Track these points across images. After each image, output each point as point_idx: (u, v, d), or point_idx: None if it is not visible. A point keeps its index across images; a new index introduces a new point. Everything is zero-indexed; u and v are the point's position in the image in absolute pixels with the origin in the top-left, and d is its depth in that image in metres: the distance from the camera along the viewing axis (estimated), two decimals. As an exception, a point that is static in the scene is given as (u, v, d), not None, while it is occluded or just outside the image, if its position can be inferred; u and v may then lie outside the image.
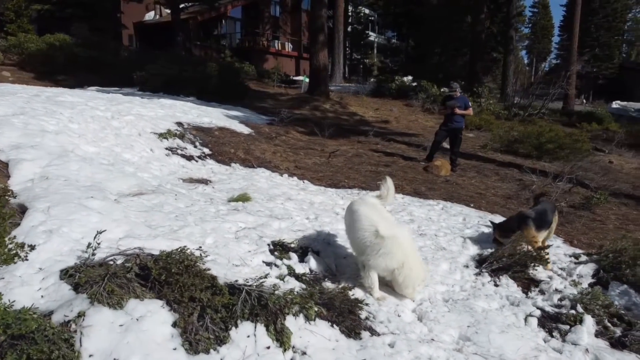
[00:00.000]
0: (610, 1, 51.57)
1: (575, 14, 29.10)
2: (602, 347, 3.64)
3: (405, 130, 15.04)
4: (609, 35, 52.88)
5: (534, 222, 5.02)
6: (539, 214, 5.18)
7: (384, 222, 3.85)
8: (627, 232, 7.21)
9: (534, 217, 5.09)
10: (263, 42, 34.53)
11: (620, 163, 12.93)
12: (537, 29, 72.19)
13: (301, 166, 8.35)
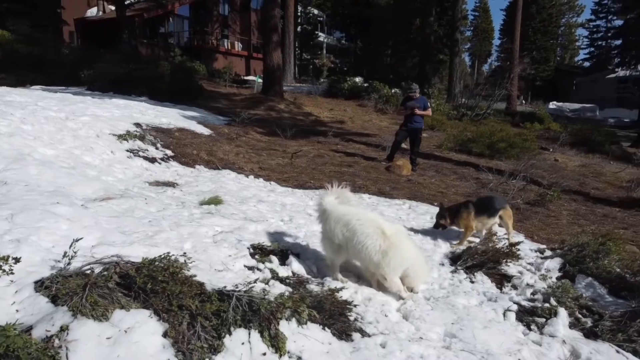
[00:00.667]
0: (546, 7, 54.30)
1: (516, 19, 30.40)
2: (578, 338, 3.81)
3: (361, 130, 15.19)
4: (545, 39, 55.70)
5: (474, 207, 5.45)
6: (481, 201, 5.70)
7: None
8: (580, 227, 7.61)
9: (475, 203, 5.55)
10: (212, 41, 33.97)
11: (564, 161, 13.62)
12: (479, 32, 74.81)
13: (265, 167, 8.26)
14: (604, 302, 4.43)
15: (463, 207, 5.48)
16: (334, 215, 3.94)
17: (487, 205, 5.54)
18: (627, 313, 3.97)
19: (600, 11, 56.76)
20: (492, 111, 23.92)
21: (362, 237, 3.77)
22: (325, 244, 4.01)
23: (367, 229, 3.77)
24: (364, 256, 3.82)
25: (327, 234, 3.98)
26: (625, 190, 10.93)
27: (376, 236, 3.73)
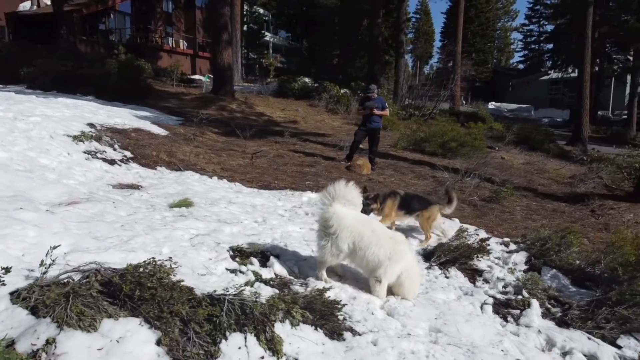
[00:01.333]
0: (483, 11, 56.56)
1: (459, 22, 31.47)
2: (551, 327, 4.01)
3: (315, 130, 15.24)
4: (483, 42, 58.04)
5: (400, 199, 5.67)
6: (408, 196, 5.83)
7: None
8: (533, 222, 7.98)
9: (402, 196, 5.75)
10: (156, 39, 32.98)
11: (510, 159, 14.23)
12: (420, 34, 76.80)
13: (227, 168, 8.13)
14: (568, 292, 4.67)
15: (390, 196, 5.66)
16: (346, 224, 3.85)
17: (409, 202, 5.73)
18: (594, 302, 4.21)
19: (533, 16, 59.82)
20: (438, 111, 24.64)
21: (377, 248, 3.82)
22: (326, 247, 3.91)
23: (383, 242, 3.83)
24: (372, 265, 3.87)
25: (332, 239, 3.88)
26: (568, 186, 11.57)
27: (388, 247, 3.81)
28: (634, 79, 36.99)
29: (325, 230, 3.91)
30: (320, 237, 3.96)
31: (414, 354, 3.27)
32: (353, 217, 3.92)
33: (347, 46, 31.43)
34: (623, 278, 4.28)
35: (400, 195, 5.70)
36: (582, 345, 3.73)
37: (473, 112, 28.68)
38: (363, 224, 3.94)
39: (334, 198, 3.88)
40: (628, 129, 35.11)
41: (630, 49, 37.35)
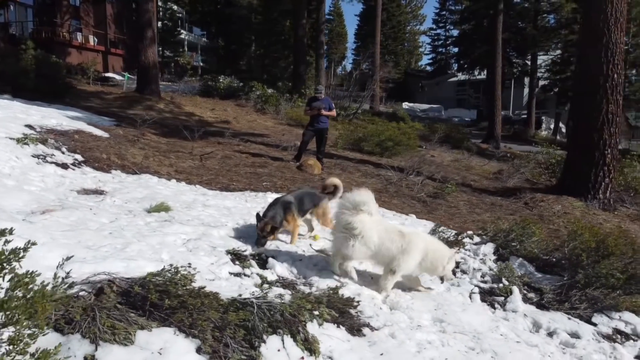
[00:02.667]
0: (395, 14, 58.88)
1: (377, 25, 32.56)
2: (534, 311, 4.37)
3: (250, 130, 15.11)
4: (395, 44, 60.40)
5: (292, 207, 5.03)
6: (298, 196, 5.16)
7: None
8: (478, 215, 8.53)
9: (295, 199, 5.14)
10: (64, 33, 30.79)
11: (438, 157, 15.03)
12: (334, 36, 78.24)
13: (181, 170, 7.88)
14: (536, 279, 5.09)
15: (286, 210, 4.89)
16: (369, 226, 4.04)
17: (302, 203, 5.20)
18: (565, 286, 4.64)
19: (440, 21, 63.43)
20: (362, 111, 25.35)
21: (390, 243, 4.03)
22: (355, 246, 4.02)
23: (394, 237, 4.06)
24: (387, 259, 4.09)
25: (358, 239, 4.01)
26: (495, 181, 12.47)
27: (400, 241, 4.05)
28: (532, 81, 40.41)
29: (349, 232, 4.02)
30: (345, 239, 4.04)
31: (430, 344, 3.44)
32: (371, 220, 4.09)
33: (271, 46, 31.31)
34: (587, 262, 4.75)
35: (293, 201, 4.96)
36: (565, 325, 4.11)
37: (393, 112, 29.85)
38: (379, 223, 4.13)
39: (354, 205, 4.02)
40: (528, 128, 38.34)
41: (527, 54, 40.77)
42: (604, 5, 9.17)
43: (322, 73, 35.17)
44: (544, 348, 3.74)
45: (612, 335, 4.12)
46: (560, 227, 8.05)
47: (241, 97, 22.20)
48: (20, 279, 2.01)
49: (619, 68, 9.32)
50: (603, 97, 9.35)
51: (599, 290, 4.43)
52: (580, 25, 11.72)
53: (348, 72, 56.70)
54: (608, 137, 9.40)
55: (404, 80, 61.20)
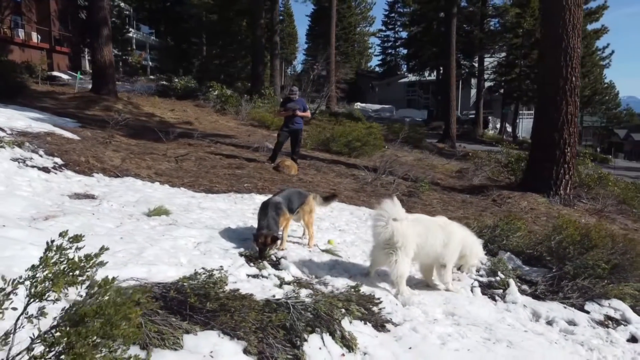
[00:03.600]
0: (346, 16, 59.42)
1: (332, 26, 32.80)
2: (531, 302, 4.62)
3: (215, 131, 14.92)
4: (346, 45, 60.98)
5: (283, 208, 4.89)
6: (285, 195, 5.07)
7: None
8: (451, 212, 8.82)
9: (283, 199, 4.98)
10: (4, 29, 29.14)
11: (403, 156, 15.38)
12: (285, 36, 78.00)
13: (160, 173, 7.73)
14: (524, 271, 5.38)
15: (278, 211, 4.75)
16: (408, 233, 4.15)
17: (290, 202, 5.08)
18: (556, 277, 4.93)
19: (389, 23, 64.58)
20: (319, 112, 25.53)
21: (434, 240, 4.24)
22: (399, 262, 4.11)
23: (436, 232, 4.30)
24: (434, 255, 4.33)
25: (401, 252, 4.11)
26: (458, 179, 12.93)
27: (441, 235, 4.29)
28: (479, 83, 41.96)
29: (390, 247, 4.08)
30: (388, 255, 4.10)
31: (450, 336, 3.59)
32: (407, 225, 4.17)
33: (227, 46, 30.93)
34: (573, 254, 5.07)
35: (279, 200, 4.84)
36: (562, 314, 4.38)
37: (350, 113, 30.21)
38: (416, 225, 4.25)
39: (389, 216, 4.09)
40: (477, 127, 39.76)
41: (475, 56, 42.33)
42: (563, 12, 9.73)
43: (277, 73, 35.10)
44: (549, 335, 3.98)
45: (604, 321, 4.42)
46: (529, 223, 8.46)
47: (199, 97, 21.83)
48: (101, 285, 1.98)
49: (576, 71, 9.91)
50: (563, 99, 9.91)
51: (587, 280, 4.74)
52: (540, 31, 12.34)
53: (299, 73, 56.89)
54: (567, 136, 9.98)
55: (355, 81, 61.98)
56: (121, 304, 1.80)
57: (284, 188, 5.50)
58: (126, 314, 1.77)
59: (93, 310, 1.75)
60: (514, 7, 36.66)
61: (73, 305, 1.90)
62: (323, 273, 4.32)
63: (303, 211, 5.15)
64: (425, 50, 46.22)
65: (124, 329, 1.75)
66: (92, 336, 1.68)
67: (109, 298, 1.82)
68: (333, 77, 32.71)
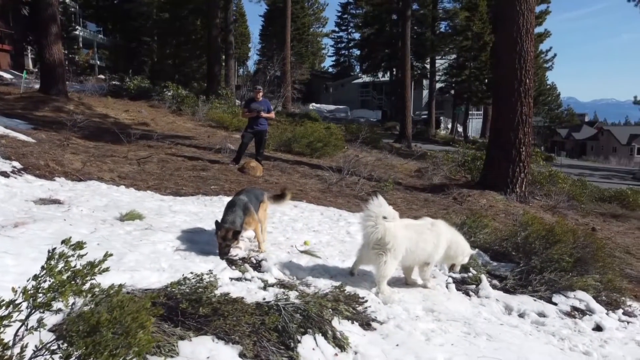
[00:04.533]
0: (299, 16, 59.44)
1: (287, 27, 32.74)
2: (503, 296, 4.81)
3: (173, 132, 14.61)
4: (300, 46, 61.04)
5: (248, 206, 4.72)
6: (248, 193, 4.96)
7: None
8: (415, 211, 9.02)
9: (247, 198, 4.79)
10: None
11: (363, 157, 15.55)
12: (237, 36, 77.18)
13: (124, 176, 7.52)
14: (493, 267, 5.58)
15: (245, 210, 4.60)
16: (399, 235, 4.22)
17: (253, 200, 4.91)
18: (524, 271, 5.15)
19: (342, 24, 65.13)
20: (276, 112, 25.43)
21: (424, 244, 4.35)
22: (387, 262, 4.17)
23: (426, 235, 4.37)
24: (423, 258, 4.42)
25: (390, 253, 4.16)
26: (418, 178, 13.22)
27: (431, 238, 4.39)
28: (431, 84, 43.00)
29: (381, 247, 4.13)
30: (377, 255, 4.15)
31: (433, 332, 3.69)
32: (399, 226, 4.25)
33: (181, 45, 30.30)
34: (539, 249, 5.31)
35: (246, 199, 4.69)
36: (532, 307, 4.59)
37: (306, 113, 30.25)
38: (407, 229, 4.32)
39: (379, 215, 4.13)
40: (429, 127, 40.74)
41: (426, 58, 43.36)
42: (517, 17, 10.15)
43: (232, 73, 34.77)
44: (523, 327, 4.16)
45: (571, 312, 4.67)
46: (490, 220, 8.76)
47: (154, 97, 21.30)
48: (107, 292, 1.92)
49: (530, 74, 10.36)
50: (517, 100, 10.33)
51: (554, 273, 4.98)
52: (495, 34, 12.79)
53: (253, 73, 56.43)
54: (523, 136, 10.41)
55: (310, 82, 62.15)
56: (135, 312, 1.77)
57: (244, 187, 5.31)
58: (142, 322, 1.73)
59: (107, 319, 1.71)
60: (463, 11, 37.80)
61: (81, 315, 1.84)
62: (304, 274, 4.33)
63: (262, 208, 5.02)
64: (378, 51, 47.01)
65: (140, 338, 1.71)
66: (111, 345, 1.63)
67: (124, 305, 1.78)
68: (289, 77, 32.74)
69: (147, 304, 1.91)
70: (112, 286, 1.98)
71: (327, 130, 16.59)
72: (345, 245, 5.49)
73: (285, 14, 32.98)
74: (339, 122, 33.03)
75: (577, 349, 3.86)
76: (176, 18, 29.12)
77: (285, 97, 31.49)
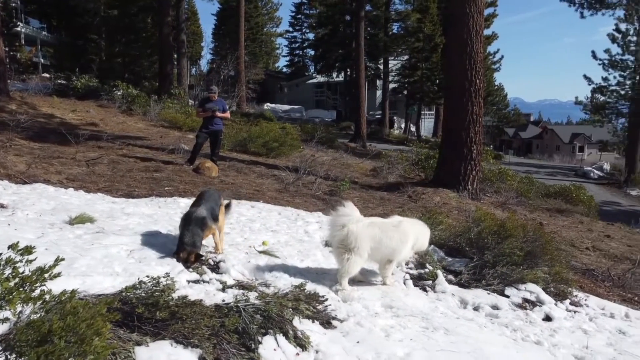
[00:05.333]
0: (253, 16, 58.95)
1: (240, 26, 32.41)
2: (459, 290, 4.93)
3: (124, 133, 14.16)
4: (254, 46, 60.54)
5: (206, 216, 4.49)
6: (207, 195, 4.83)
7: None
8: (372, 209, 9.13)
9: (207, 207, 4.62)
10: None
11: (319, 156, 15.61)
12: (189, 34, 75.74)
13: (72, 178, 7.23)
14: (448, 262, 5.71)
15: (203, 220, 4.43)
16: (362, 236, 4.26)
17: (213, 207, 4.76)
18: (477, 266, 5.30)
19: (296, 24, 65.07)
20: (231, 112, 25.15)
21: (389, 241, 4.37)
22: (350, 260, 4.24)
23: (390, 233, 4.40)
24: (388, 255, 4.48)
25: (354, 252, 4.23)
26: (374, 177, 13.39)
27: (396, 235, 4.45)
28: (385, 84, 43.63)
29: (344, 247, 4.22)
30: (341, 253, 4.24)
31: (393, 328, 3.74)
32: (363, 226, 4.29)
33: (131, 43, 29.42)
34: (492, 244, 5.48)
35: (204, 214, 4.46)
36: (486, 300, 4.73)
37: (261, 113, 30.05)
38: (371, 228, 4.34)
39: (344, 219, 4.23)
40: (383, 127, 41.32)
41: (380, 59, 43.95)
42: (467, 19, 10.44)
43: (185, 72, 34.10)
44: (478, 320, 4.28)
45: (522, 304, 4.84)
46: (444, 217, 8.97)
47: (103, 97, 20.61)
48: (59, 299, 1.83)
49: (480, 74, 10.68)
50: (468, 100, 10.63)
51: (506, 267, 5.15)
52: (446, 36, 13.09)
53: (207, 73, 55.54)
54: (474, 135, 10.72)
55: (264, 82, 61.79)
56: (90, 318, 1.69)
57: (204, 191, 5.07)
58: (98, 329, 1.66)
59: (60, 327, 1.63)
60: (415, 13, 38.57)
61: (31, 323, 1.75)
62: (263, 274, 4.30)
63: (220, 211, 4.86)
64: (332, 52, 47.23)
65: (96, 345, 1.64)
66: (65, 354, 1.56)
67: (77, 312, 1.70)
68: (243, 77, 32.44)
69: (103, 309, 1.84)
70: (64, 292, 1.88)
71: (282, 130, 16.54)
72: (303, 244, 5.48)
73: (238, 13, 32.64)
74: (294, 122, 33.02)
75: (528, 339, 4.00)
76: (125, 15, 28.23)
77: (239, 97, 31.22)
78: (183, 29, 32.14)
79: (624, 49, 36.63)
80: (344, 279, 4.25)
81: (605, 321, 4.79)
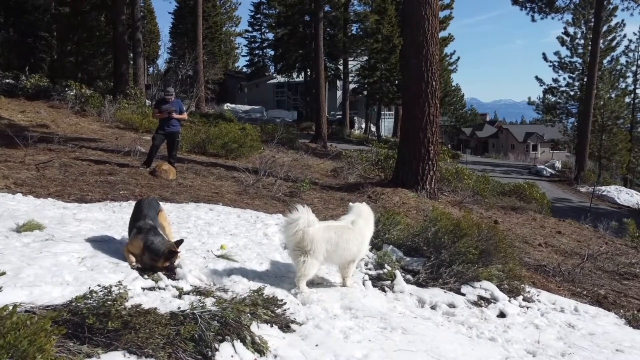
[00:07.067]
0: (211, 15, 58.13)
1: (198, 25, 31.97)
2: (416, 289, 5.02)
3: (78, 135, 13.70)
4: (212, 45, 59.73)
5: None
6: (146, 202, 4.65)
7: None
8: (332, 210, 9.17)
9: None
10: None
11: (279, 157, 15.55)
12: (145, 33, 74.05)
13: (20, 183, 6.95)
14: (406, 262, 5.79)
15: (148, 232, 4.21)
16: (317, 238, 4.28)
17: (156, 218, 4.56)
18: (434, 265, 5.40)
19: (255, 24, 64.59)
20: (190, 113, 24.74)
21: (346, 244, 4.44)
22: (307, 262, 4.25)
23: (349, 235, 4.46)
24: (349, 257, 4.54)
25: (310, 254, 4.24)
26: (334, 178, 13.46)
27: (355, 237, 4.50)
28: (345, 84, 43.90)
29: (300, 249, 4.23)
30: (297, 255, 4.26)
31: (351, 329, 3.77)
32: (318, 229, 4.30)
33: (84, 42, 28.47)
34: (448, 243, 5.59)
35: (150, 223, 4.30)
36: (443, 298, 4.83)
37: (221, 114, 29.73)
38: (327, 230, 4.38)
39: (298, 222, 4.22)
40: (344, 127, 41.58)
41: (339, 59, 44.19)
42: (423, 22, 10.63)
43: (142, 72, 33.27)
44: (435, 319, 4.37)
45: (477, 301, 4.97)
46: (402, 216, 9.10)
47: (54, 97, 19.86)
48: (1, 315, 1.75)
49: (436, 76, 10.89)
50: (425, 101, 10.82)
51: (462, 266, 5.28)
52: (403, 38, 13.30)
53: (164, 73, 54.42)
54: (431, 135, 10.92)
55: (224, 82, 61.09)
56: (33, 334, 1.62)
57: (139, 201, 4.73)
58: (41, 345, 1.59)
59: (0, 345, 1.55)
60: (373, 14, 38.96)
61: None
62: (221, 279, 4.25)
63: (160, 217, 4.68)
64: (292, 52, 47.15)
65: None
66: (4, 374, 1.49)
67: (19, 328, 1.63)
68: (202, 77, 31.99)
69: (47, 324, 1.77)
70: (5, 307, 1.80)
71: (242, 130, 16.37)
72: (262, 247, 5.45)
73: (196, 12, 32.17)
74: (255, 122, 32.73)
75: (483, 335, 4.11)
76: (77, 12, 27.29)
77: (198, 97, 30.72)
78: (139, 27, 31.35)
79: (572, 52, 38.22)
80: (302, 282, 4.25)
81: (555, 316, 4.97)
